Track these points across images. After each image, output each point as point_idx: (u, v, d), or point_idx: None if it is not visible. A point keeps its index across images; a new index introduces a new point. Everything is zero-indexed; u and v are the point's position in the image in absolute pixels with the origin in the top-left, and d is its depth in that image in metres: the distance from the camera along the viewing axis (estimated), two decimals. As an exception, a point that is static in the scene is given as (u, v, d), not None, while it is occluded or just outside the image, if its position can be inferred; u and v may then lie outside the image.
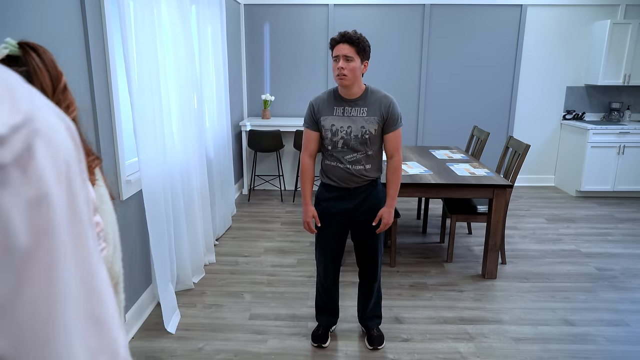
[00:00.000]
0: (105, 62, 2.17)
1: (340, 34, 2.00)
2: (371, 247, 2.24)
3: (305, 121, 2.17)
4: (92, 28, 2.03)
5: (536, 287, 3.02)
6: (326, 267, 2.28)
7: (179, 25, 2.82)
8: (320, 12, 5.14)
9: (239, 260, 3.42)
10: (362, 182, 2.13)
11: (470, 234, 3.99)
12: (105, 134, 2.17)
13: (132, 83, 2.20)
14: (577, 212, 4.59)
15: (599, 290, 2.98)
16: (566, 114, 5.38)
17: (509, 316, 2.67)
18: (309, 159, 2.20)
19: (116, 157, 2.29)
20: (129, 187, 2.40)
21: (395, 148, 2.13)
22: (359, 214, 2.17)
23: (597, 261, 3.43)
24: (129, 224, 2.44)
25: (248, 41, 5.26)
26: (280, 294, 2.92)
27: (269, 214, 4.50)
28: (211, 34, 3.65)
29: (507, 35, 5.16)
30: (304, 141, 2.19)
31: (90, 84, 2.02)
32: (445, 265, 3.37)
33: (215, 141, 3.74)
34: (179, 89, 2.86)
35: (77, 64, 1.93)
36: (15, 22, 1.56)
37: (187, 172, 2.97)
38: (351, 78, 2.00)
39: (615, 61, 4.96)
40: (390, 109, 2.07)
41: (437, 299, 2.87)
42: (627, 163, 4.94)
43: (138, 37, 2.27)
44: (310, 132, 2.16)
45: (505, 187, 2.96)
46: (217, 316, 2.65)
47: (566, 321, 2.62)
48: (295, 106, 5.40)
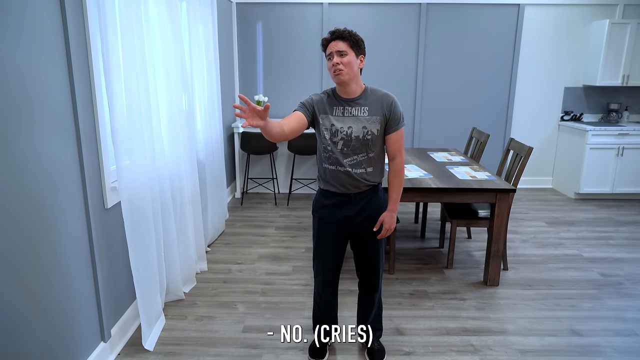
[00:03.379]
0: (87, 60, 2.03)
1: (330, 32, 1.90)
2: (372, 257, 2.12)
3: (299, 105, 1.97)
4: (72, 25, 1.88)
5: (540, 294, 2.92)
6: (325, 278, 2.15)
7: (167, 23, 2.68)
8: (315, 10, 5.02)
9: (232, 268, 3.29)
10: (363, 187, 2.01)
11: (469, 239, 3.89)
12: (87, 138, 2.03)
13: (113, 84, 2.06)
14: (577, 215, 4.51)
15: (604, 297, 2.89)
16: (564, 114, 5.31)
17: (514, 326, 2.56)
18: (284, 126, 1.83)
19: (100, 162, 2.15)
20: (114, 194, 2.26)
21: (398, 149, 2.01)
22: (359, 222, 2.05)
23: (601, 266, 3.34)
24: (114, 233, 2.30)
25: (240, 41, 5.12)
26: (275, 304, 2.79)
27: (262, 219, 4.36)
28: (202, 33, 3.51)
29: (505, 35, 5.07)
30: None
31: (70, 84, 1.88)
32: (446, 271, 3.26)
33: (206, 144, 3.61)
34: (168, 90, 2.72)
35: (56, 60, 1.79)
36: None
37: (177, 176, 2.83)
38: (348, 72, 1.87)
39: (613, 61, 4.89)
40: (393, 108, 1.96)
41: (438, 308, 2.76)
42: (626, 165, 4.87)
43: (123, 34, 2.13)
44: (296, 112, 1.93)
45: (508, 192, 2.86)
46: (209, 329, 2.51)
47: (573, 331, 2.52)
48: (289, 107, 5.27)
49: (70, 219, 1.88)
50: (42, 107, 1.69)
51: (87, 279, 2.03)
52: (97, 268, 2.08)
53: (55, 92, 1.78)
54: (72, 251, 1.91)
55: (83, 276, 2.00)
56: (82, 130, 1.96)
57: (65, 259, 1.86)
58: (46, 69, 1.72)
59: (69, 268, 1.88)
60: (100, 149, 2.14)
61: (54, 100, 1.77)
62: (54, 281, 1.78)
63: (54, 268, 1.78)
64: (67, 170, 1.86)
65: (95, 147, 2.11)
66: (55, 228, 1.78)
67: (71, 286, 1.90)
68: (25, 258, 1.60)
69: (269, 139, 1.79)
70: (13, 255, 1.54)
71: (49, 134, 1.74)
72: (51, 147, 1.75)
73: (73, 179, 1.91)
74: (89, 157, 2.04)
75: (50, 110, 1.74)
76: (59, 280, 1.81)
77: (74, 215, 1.92)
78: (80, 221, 1.97)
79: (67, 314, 1.87)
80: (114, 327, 2.27)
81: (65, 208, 1.85)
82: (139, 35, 2.25)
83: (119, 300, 2.35)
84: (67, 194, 1.86)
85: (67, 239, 1.86)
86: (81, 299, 1.98)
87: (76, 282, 1.94)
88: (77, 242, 1.94)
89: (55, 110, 1.77)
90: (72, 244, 1.91)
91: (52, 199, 1.76)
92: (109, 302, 2.24)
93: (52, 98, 1.76)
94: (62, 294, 1.84)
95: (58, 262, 1.80)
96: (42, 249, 1.70)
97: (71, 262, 1.90)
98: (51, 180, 1.75)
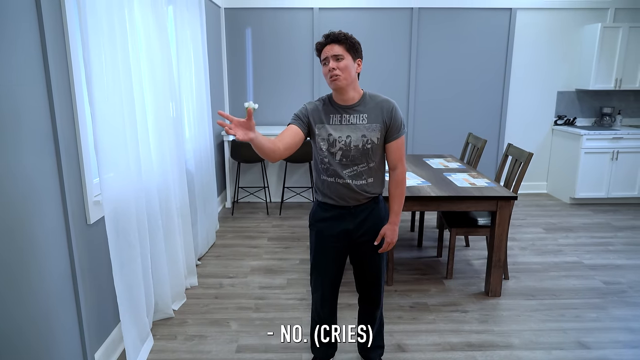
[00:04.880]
0: (67, 66, 1.89)
1: (324, 35, 1.79)
2: (373, 271, 2.00)
3: (292, 118, 1.87)
4: (50, 27, 1.75)
5: (544, 304, 2.83)
6: (323, 295, 2.03)
7: (153, 28, 2.55)
8: (305, 16, 4.93)
9: (224, 282, 3.15)
10: (363, 199, 1.89)
11: (467, 247, 3.79)
12: (67, 149, 1.89)
13: (95, 91, 1.92)
14: (574, 221, 4.45)
15: (609, 307, 2.81)
16: (557, 119, 5.27)
17: (519, 340, 2.46)
18: (278, 143, 1.74)
19: (82, 175, 2.01)
20: (97, 209, 2.12)
21: (399, 158, 1.90)
22: (359, 235, 1.93)
23: (603, 274, 3.26)
24: (98, 250, 2.15)
25: (229, 47, 5.00)
26: (270, 320, 2.66)
27: (254, 229, 4.23)
28: (190, 38, 3.39)
29: (497, 40, 5.03)
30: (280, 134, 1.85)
31: (48, 92, 1.75)
32: (446, 282, 3.15)
33: (195, 152, 3.47)
34: (154, 97, 2.59)
35: (31, 64, 1.66)
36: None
37: (164, 187, 2.69)
38: (346, 77, 1.76)
39: (606, 65, 4.87)
40: (393, 114, 1.85)
41: (440, 321, 2.65)
42: (621, 169, 4.84)
43: (105, 38, 2.00)
44: (292, 126, 1.83)
45: (509, 199, 2.77)
46: (200, 349, 2.37)
47: (580, 344, 2.42)
48: (280, 114, 5.16)
49: (49, 237, 1.74)
50: (14, 115, 1.56)
51: (68, 301, 1.88)
52: (79, 289, 1.93)
53: (30, 100, 1.64)
54: (52, 271, 1.76)
55: (63, 298, 1.85)
56: (62, 140, 1.82)
57: (44, 280, 1.71)
58: (19, 74, 1.58)
59: (48, 290, 1.74)
60: (82, 161, 2.00)
61: (29, 108, 1.63)
62: (31, 304, 1.63)
63: (31, 290, 1.63)
64: (44, 185, 1.72)
65: (77, 159, 1.97)
66: (31, 247, 1.63)
67: (50, 309, 1.75)
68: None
69: (263, 156, 1.68)
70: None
71: (23, 146, 1.60)
72: (25, 159, 1.61)
73: (51, 194, 1.77)
74: (69, 169, 1.90)
75: (24, 119, 1.61)
76: (36, 304, 1.66)
77: (53, 233, 1.78)
78: (60, 239, 1.82)
79: (45, 339, 1.72)
80: (97, 352, 2.12)
81: (43, 226, 1.71)
82: (122, 39, 2.12)
83: (103, 322, 2.20)
84: (44, 210, 1.72)
85: (45, 259, 1.72)
86: (61, 323, 1.83)
87: (56, 305, 1.79)
88: (56, 261, 1.80)
89: (30, 119, 1.64)
90: (52, 264, 1.76)
91: (27, 216, 1.62)
92: (93, 324, 2.09)
93: (26, 105, 1.62)
94: (40, 318, 1.69)
95: (35, 283, 1.66)
96: (16, 270, 1.55)
97: (50, 283, 1.75)
98: (25, 196, 1.61)
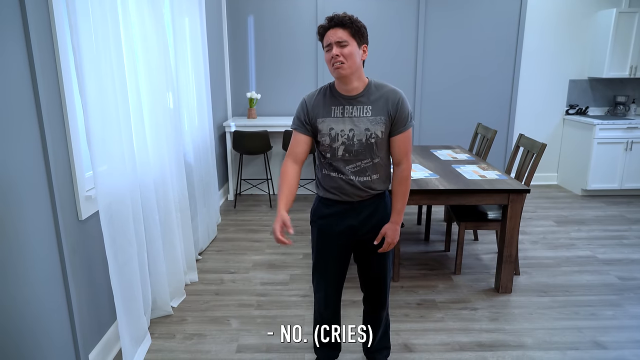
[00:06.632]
0: (54, 54, 1.78)
1: (327, 18, 1.64)
2: (378, 270, 1.90)
3: (294, 122, 1.79)
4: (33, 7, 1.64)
5: (557, 302, 2.72)
6: (326, 295, 1.93)
7: (148, 14, 2.43)
8: (309, 3, 4.78)
9: (225, 278, 3.06)
10: (367, 195, 1.78)
11: (476, 241, 3.68)
12: (55, 142, 1.79)
13: (86, 80, 1.81)
14: (586, 213, 4.31)
15: (625, 304, 2.69)
16: (569, 108, 5.11)
17: (532, 339, 2.35)
18: (292, 164, 1.80)
19: (72, 169, 1.91)
20: (89, 204, 2.03)
21: (404, 153, 1.78)
22: (364, 232, 1.82)
23: (618, 269, 3.14)
24: (91, 247, 2.06)
25: (231, 35, 4.87)
26: (272, 318, 2.57)
27: (257, 222, 4.13)
28: (189, 26, 3.27)
29: (507, 26, 4.86)
30: (290, 144, 1.81)
31: (32, 79, 1.64)
32: (454, 277, 3.05)
33: (195, 145, 3.37)
34: (150, 87, 2.48)
35: (13, 48, 1.55)
36: None
37: (162, 181, 2.60)
38: (350, 65, 1.63)
39: (621, 52, 4.69)
40: (399, 106, 1.72)
41: (449, 319, 2.55)
42: (635, 160, 4.68)
43: (96, 24, 1.89)
44: (299, 135, 1.78)
45: (522, 192, 2.65)
46: (199, 349, 2.29)
47: (597, 343, 2.31)
48: (283, 104, 5.03)
49: (37, 234, 1.65)
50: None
51: (58, 301, 1.79)
52: (70, 287, 1.85)
53: (10, 88, 1.54)
54: (40, 270, 1.67)
55: (54, 297, 1.76)
56: (48, 131, 1.72)
57: (31, 279, 1.62)
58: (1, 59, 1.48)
59: (36, 289, 1.65)
60: (72, 154, 1.90)
61: (9, 95, 1.53)
62: (18, 305, 1.54)
63: (18, 289, 1.54)
64: (29, 180, 1.62)
65: (66, 152, 1.87)
66: (17, 245, 1.54)
67: (40, 309, 1.66)
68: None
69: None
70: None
71: (3, 137, 1.50)
72: (7, 152, 1.51)
73: (38, 189, 1.67)
74: (58, 163, 1.80)
75: (4, 108, 1.50)
76: (24, 304, 1.57)
77: (40, 231, 1.68)
78: (49, 236, 1.73)
79: (35, 340, 1.63)
80: (92, 352, 2.04)
81: (30, 222, 1.61)
82: (114, 24, 2.00)
83: (98, 321, 2.11)
84: (31, 206, 1.62)
85: (33, 257, 1.63)
86: (52, 323, 1.75)
87: (45, 305, 1.70)
88: (45, 259, 1.70)
89: (11, 108, 1.53)
90: (40, 262, 1.67)
91: (11, 213, 1.52)
92: (86, 324, 2.00)
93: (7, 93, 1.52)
94: (29, 319, 1.60)
95: (23, 282, 1.57)
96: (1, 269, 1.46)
97: (38, 282, 1.66)
98: (7, 191, 1.51)
